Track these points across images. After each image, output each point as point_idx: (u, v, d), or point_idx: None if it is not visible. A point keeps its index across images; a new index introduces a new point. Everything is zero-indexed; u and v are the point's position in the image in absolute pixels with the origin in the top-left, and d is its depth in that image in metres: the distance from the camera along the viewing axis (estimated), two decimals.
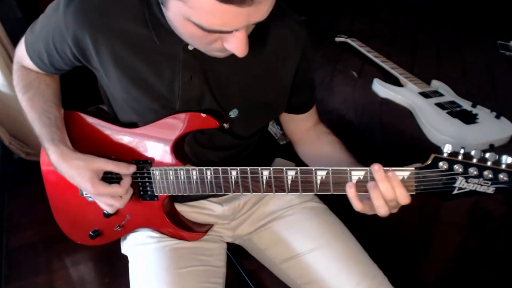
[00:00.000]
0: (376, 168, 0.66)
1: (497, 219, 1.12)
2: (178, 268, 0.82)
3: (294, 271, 0.90)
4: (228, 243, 0.98)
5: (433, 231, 1.22)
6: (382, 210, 0.67)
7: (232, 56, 0.69)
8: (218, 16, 0.55)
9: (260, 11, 0.56)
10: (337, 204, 1.06)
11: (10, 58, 1.64)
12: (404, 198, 0.66)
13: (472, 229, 1.16)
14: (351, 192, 0.68)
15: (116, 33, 0.72)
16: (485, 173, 0.62)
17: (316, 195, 1.00)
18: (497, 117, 1.28)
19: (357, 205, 0.69)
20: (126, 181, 0.80)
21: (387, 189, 0.66)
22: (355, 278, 0.83)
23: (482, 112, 1.31)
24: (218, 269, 0.88)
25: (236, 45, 0.61)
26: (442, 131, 1.22)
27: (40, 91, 0.85)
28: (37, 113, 0.82)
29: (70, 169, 0.77)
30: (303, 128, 0.95)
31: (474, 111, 1.31)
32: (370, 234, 1.39)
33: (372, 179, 0.67)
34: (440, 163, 0.65)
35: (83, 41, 0.73)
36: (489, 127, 1.25)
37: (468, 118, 1.27)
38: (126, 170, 0.79)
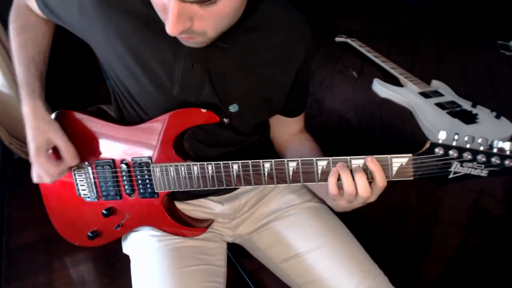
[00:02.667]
0: (371, 158, 0.70)
1: (497, 219, 1.12)
2: (179, 267, 0.82)
3: (295, 271, 0.90)
4: (228, 243, 0.98)
5: (433, 231, 1.22)
6: (367, 192, 0.70)
7: (237, 50, 0.69)
8: None
9: None
10: None
11: (10, 58, 1.64)
12: (383, 180, 0.70)
13: (472, 229, 1.16)
14: (334, 177, 0.71)
15: (125, 12, 0.72)
16: (479, 157, 0.66)
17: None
18: (497, 117, 1.28)
19: (333, 190, 0.71)
20: (64, 165, 0.80)
21: (382, 177, 0.69)
22: (355, 278, 0.83)
23: (482, 112, 1.31)
24: (219, 268, 0.88)
25: (168, 19, 0.59)
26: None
27: (36, 38, 0.85)
28: (27, 59, 0.82)
29: (31, 125, 0.79)
30: (289, 132, 0.96)
31: (474, 111, 1.31)
32: (370, 234, 1.39)
33: None
34: (436, 149, 0.68)
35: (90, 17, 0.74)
36: (489, 127, 1.25)
37: (468, 118, 1.27)
38: (71, 158, 0.80)
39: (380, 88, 1.47)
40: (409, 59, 1.73)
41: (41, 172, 0.80)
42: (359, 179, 0.70)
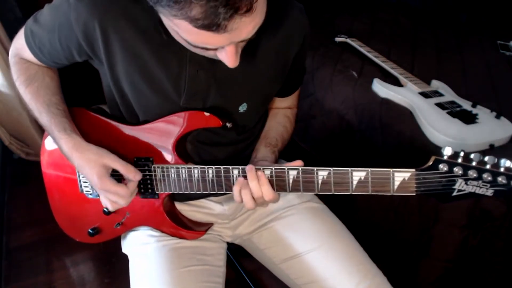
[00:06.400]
0: (248, 168, 0.73)
1: (497, 219, 1.12)
2: (178, 267, 0.82)
3: (294, 271, 0.90)
4: (228, 243, 0.98)
5: (433, 231, 1.22)
6: (248, 204, 0.75)
7: (242, 51, 0.68)
8: (199, 37, 0.57)
9: (242, 33, 0.58)
10: (337, 204, 1.05)
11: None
12: (268, 195, 0.73)
13: (472, 229, 1.16)
14: (238, 186, 0.75)
15: (127, 23, 0.72)
16: (484, 175, 0.64)
17: (316, 195, 1.00)
18: (497, 117, 1.28)
19: (237, 199, 0.76)
20: (132, 184, 0.80)
21: (255, 187, 0.73)
22: (355, 278, 0.83)
23: (482, 112, 1.31)
24: (218, 268, 0.89)
25: (226, 58, 0.63)
26: (442, 131, 1.22)
27: (45, 83, 0.85)
28: (45, 104, 0.82)
29: (81, 160, 0.78)
30: (272, 105, 0.98)
31: (474, 111, 1.31)
32: (370, 234, 1.39)
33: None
34: (440, 165, 0.66)
35: (93, 32, 0.73)
36: (489, 127, 1.25)
37: (468, 118, 1.27)
38: (132, 175, 0.79)
39: (380, 88, 1.47)
40: (409, 59, 1.73)
41: (112, 197, 0.79)
42: (262, 185, 0.73)
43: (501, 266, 1.18)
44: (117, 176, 0.80)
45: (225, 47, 0.61)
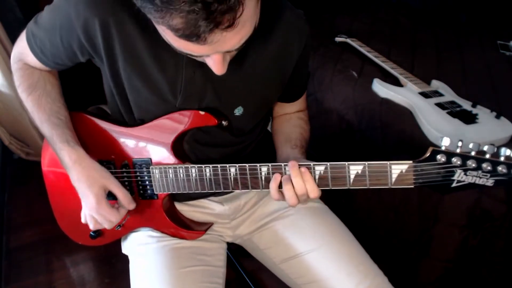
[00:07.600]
0: (292, 164, 0.72)
1: (497, 219, 1.12)
2: (178, 268, 0.82)
3: (294, 271, 0.90)
4: (228, 243, 0.98)
5: (433, 231, 1.22)
6: (291, 201, 0.73)
7: (236, 54, 0.69)
8: (182, 45, 0.58)
9: (226, 45, 0.58)
10: (337, 204, 1.06)
11: (10, 58, 1.63)
12: (313, 192, 0.72)
13: (472, 229, 1.16)
14: (274, 183, 0.73)
15: (128, 22, 0.72)
16: (484, 165, 0.63)
17: None
18: (497, 117, 1.29)
19: (275, 196, 0.74)
20: (123, 212, 0.81)
21: (299, 183, 0.71)
22: (355, 278, 0.83)
23: (482, 112, 1.31)
24: (218, 269, 0.88)
25: (213, 66, 0.64)
26: (442, 131, 1.22)
27: (46, 91, 0.84)
28: (46, 114, 0.81)
29: (82, 175, 0.77)
30: (282, 112, 0.98)
31: (474, 111, 1.31)
32: (370, 234, 1.39)
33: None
34: (438, 156, 0.65)
35: (93, 30, 0.72)
36: (489, 127, 1.25)
37: (468, 118, 1.27)
38: (127, 203, 0.80)
39: (380, 88, 1.47)
40: (409, 59, 1.73)
41: (100, 219, 0.79)
42: (307, 181, 0.71)
43: (501, 266, 1.18)
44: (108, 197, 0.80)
45: (210, 55, 0.61)
